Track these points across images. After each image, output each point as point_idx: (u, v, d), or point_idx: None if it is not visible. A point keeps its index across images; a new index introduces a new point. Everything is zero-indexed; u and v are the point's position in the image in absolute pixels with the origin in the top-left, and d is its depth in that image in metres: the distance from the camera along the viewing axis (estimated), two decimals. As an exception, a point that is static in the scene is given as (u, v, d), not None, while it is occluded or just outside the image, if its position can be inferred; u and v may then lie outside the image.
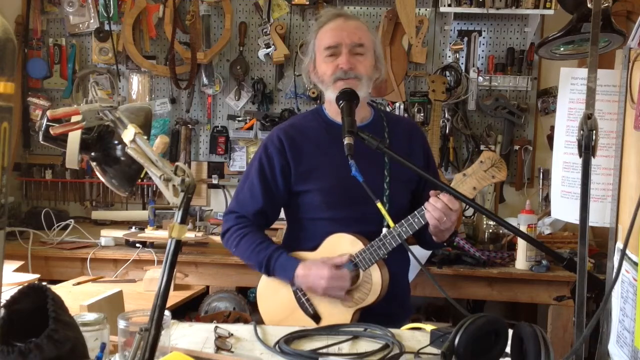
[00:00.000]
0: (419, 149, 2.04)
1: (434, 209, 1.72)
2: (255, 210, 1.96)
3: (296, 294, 1.90)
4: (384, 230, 1.82)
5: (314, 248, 1.91)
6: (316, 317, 1.87)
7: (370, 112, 2.02)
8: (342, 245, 1.86)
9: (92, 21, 3.55)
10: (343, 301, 1.83)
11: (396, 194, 1.93)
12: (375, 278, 1.81)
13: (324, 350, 1.44)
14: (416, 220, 1.76)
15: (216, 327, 1.53)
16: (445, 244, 2.08)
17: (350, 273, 1.81)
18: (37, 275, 2.36)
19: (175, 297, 2.48)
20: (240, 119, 3.55)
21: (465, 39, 3.45)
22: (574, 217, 1.59)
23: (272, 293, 1.96)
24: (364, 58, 1.89)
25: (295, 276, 1.85)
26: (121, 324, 1.26)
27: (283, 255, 1.89)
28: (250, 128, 3.51)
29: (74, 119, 1.20)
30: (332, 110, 1.97)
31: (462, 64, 3.47)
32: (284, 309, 1.92)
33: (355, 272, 1.83)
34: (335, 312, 1.85)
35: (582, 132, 1.18)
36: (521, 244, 2.73)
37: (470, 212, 3.16)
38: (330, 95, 1.88)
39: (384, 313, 1.79)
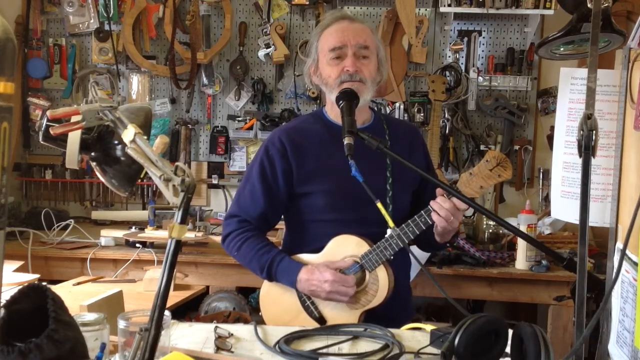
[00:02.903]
0: (420, 153, 2.04)
1: (440, 208, 1.72)
2: (257, 214, 1.94)
3: (301, 298, 1.88)
4: (389, 231, 1.79)
5: (317, 250, 1.89)
6: (321, 321, 1.85)
7: (371, 115, 2.02)
8: (347, 246, 1.85)
9: (92, 21, 3.55)
10: (350, 304, 1.82)
11: (399, 195, 1.92)
12: (382, 279, 1.80)
13: (324, 350, 1.44)
14: (422, 220, 1.76)
15: (216, 327, 1.53)
16: (447, 244, 2.07)
17: (355, 278, 1.81)
18: (37, 275, 2.36)
19: (175, 297, 2.48)
20: (240, 119, 3.55)
21: (465, 39, 3.45)
22: (574, 217, 1.59)
23: (275, 297, 1.94)
24: (368, 61, 1.88)
25: (298, 280, 1.83)
26: (121, 324, 1.25)
27: (285, 259, 1.87)
28: (250, 128, 3.51)
29: (74, 119, 1.20)
30: (334, 113, 1.96)
31: (462, 64, 3.47)
32: (288, 312, 1.90)
33: (361, 274, 1.83)
34: (340, 315, 1.83)
35: (582, 132, 1.18)
36: (521, 244, 2.73)
37: (470, 212, 3.16)
38: (333, 97, 1.86)
39: (386, 315, 1.77)
